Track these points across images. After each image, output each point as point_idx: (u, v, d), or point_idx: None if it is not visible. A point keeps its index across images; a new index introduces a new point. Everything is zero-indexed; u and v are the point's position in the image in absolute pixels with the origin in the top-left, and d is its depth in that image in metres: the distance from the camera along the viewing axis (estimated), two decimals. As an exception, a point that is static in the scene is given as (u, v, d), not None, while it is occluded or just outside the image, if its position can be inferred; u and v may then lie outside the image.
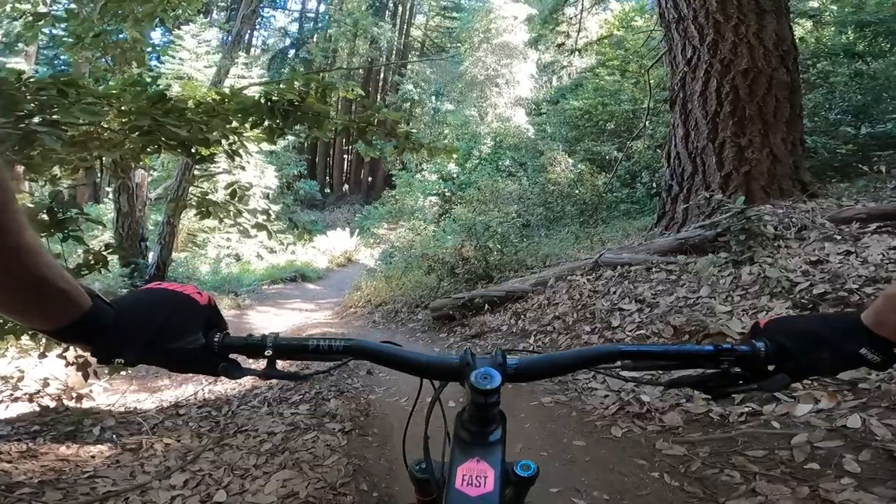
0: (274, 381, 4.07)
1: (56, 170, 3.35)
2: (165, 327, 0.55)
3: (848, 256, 3.30)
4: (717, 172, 5.00)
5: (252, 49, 29.86)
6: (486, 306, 5.39)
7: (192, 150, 3.14)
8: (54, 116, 2.42)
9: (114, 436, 2.93)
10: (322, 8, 33.64)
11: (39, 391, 3.21)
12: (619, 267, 4.58)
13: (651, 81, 9.36)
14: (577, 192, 10.33)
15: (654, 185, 9.09)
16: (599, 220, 9.26)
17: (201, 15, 15.91)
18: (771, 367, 0.62)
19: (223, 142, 3.32)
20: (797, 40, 5.64)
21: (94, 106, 2.61)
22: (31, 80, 2.55)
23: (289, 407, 3.45)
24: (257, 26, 31.55)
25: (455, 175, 16.94)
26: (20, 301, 0.45)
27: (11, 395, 3.21)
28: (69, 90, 2.48)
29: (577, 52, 14.31)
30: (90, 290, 0.50)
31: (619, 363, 0.66)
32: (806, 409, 2.10)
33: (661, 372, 0.71)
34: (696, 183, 5.19)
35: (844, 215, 3.97)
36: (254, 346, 0.60)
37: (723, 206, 4.23)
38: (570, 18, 13.60)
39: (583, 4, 12.10)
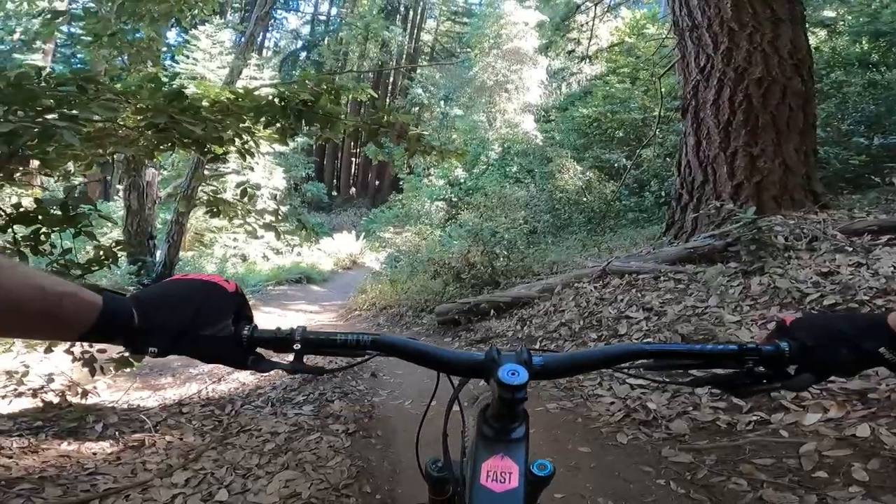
0: (277, 381, 4.08)
1: (70, 165, 3.39)
2: (198, 313, 0.55)
3: (859, 268, 3.27)
4: (728, 182, 4.96)
5: (264, 51, 30.13)
6: (492, 312, 5.38)
7: (206, 149, 3.16)
8: (73, 112, 2.43)
9: (116, 433, 2.92)
10: (334, 11, 33.94)
11: (43, 386, 3.19)
12: (626, 275, 4.56)
13: (662, 90, 9.32)
14: (584, 199, 10.31)
15: (664, 193, 9.06)
16: (607, 228, 9.24)
17: (217, 16, 16.06)
18: (795, 367, 0.62)
19: (236, 140, 3.34)
20: (812, 49, 5.58)
21: (113, 102, 2.63)
22: (53, 75, 2.58)
23: (292, 407, 3.45)
24: (270, 28, 31.86)
25: (462, 180, 16.94)
26: (29, 319, 0.45)
27: (15, 390, 3.20)
28: (88, 86, 2.51)
29: (587, 59, 14.31)
30: (96, 286, 0.50)
31: (642, 362, 0.66)
32: (815, 418, 2.08)
33: (681, 371, 0.70)
34: (706, 192, 5.15)
35: (856, 227, 3.93)
36: (283, 340, 0.60)
37: (733, 216, 4.21)
38: (582, 26, 13.60)
39: (595, 12, 12.09)
